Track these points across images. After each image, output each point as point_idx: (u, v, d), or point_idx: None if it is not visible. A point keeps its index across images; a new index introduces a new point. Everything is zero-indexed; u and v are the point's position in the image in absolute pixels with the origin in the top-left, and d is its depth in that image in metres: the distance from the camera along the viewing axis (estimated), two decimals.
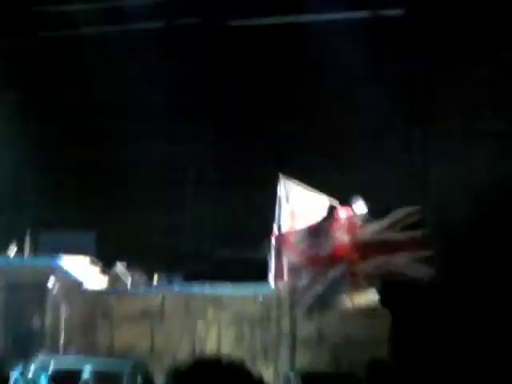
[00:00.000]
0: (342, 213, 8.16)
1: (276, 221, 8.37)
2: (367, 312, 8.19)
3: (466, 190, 9.59)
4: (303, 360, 8.20)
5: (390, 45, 10.51)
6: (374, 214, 8.00)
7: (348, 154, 10.52)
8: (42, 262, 9.84)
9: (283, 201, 8.41)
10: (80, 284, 9.54)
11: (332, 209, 8.18)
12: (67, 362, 8.81)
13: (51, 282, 9.11)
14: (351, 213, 8.05)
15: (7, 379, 8.05)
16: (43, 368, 9.08)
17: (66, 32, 12.42)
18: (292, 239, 8.44)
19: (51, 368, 8.60)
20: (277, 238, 8.37)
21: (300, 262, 8.37)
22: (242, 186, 10.65)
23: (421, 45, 10.75)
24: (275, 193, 8.24)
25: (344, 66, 10.38)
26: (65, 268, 9.55)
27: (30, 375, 8.74)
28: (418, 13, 11.00)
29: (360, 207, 7.96)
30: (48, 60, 11.95)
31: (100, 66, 11.47)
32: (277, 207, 8.39)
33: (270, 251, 8.38)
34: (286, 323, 8.32)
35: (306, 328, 8.29)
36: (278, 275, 8.37)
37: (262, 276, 8.62)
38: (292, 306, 8.30)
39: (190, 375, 1.95)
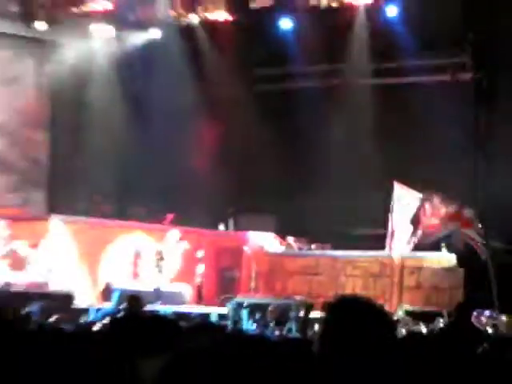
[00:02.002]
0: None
1: None
2: (448, 268, 12.26)
3: None
4: (406, 301, 12.40)
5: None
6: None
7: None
8: (239, 234, 14.79)
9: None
10: (264, 248, 14.36)
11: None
12: (256, 300, 13.48)
13: (245, 248, 14.00)
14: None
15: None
16: (240, 305, 13.67)
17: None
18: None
19: (246, 304, 13.24)
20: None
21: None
22: None
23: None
24: None
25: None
26: (255, 239, 14.42)
27: (230, 311, 13.28)
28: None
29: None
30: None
31: None
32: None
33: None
34: (396, 276, 12.58)
35: (409, 279, 12.49)
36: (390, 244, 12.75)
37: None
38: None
39: (338, 308, 2.35)
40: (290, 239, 14.44)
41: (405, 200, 12.71)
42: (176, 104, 14.83)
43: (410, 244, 12.72)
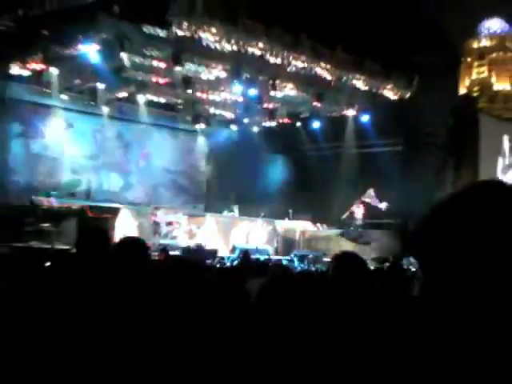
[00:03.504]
0: None
1: None
2: None
3: None
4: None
5: None
6: None
7: None
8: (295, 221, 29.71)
9: None
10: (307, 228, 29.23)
11: None
12: (303, 252, 28.09)
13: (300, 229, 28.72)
14: None
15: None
16: (295, 255, 27.62)
17: None
18: None
19: (298, 254, 27.64)
20: None
21: None
22: None
23: None
24: None
25: None
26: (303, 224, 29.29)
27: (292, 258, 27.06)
28: None
29: None
30: None
31: None
32: None
33: None
34: None
35: None
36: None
37: None
38: None
39: (340, 257, 3.64)
40: (318, 224, 29.02)
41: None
42: None
43: None
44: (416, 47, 26.45)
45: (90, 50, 20.20)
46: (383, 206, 26.09)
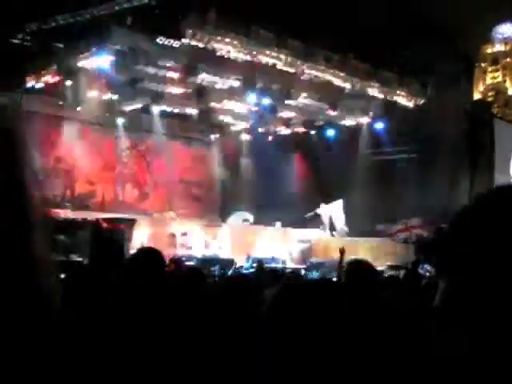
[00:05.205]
0: None
1: None
2: None
3: None
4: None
5: None
6: None
7: None
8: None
9: None
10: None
11: None
12: (317, 260, 28.17)
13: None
14: None
15: None
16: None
17: None
18: None
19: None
20: None
21: None
22: None
23: None
24: None
25: None
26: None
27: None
28: None
29: None
30: None
31: None
32: None
33: None
34: None
35: None
36: None
37: None
38: None
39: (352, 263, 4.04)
40: (334, 232, 29.03)
41: None
42: None
43: None
44: (430, 54, 26.39)
45: (103, 62, 20.28)
46: (340, 223, 27.30)
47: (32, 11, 18.53)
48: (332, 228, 28.44)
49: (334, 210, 28.34)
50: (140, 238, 22.27)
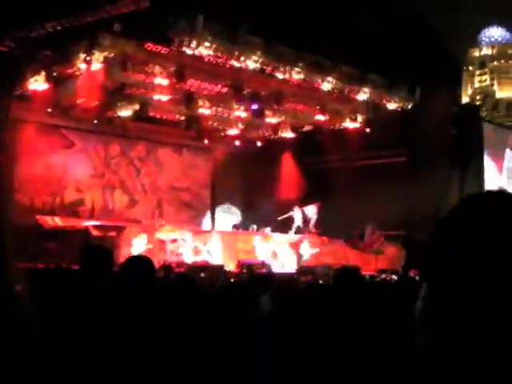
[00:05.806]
0: None
1: None
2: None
3: None
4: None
5: None
6: None
7: None
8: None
9: None
10: None
11: None
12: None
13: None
14: None
15: None
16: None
17: None
18: None
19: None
20: None
21: None
22: None
23: None
24: None
25: None
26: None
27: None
28: None
29: None
30: None
31: None
32: None
33: None
34: None
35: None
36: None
37: None
38: None
39: (343, 270, 4.30)
40: (324, 238, 29.08)
41: None
42: None
43: None
44: (417, 57, 26.46)
45: (92, 69, 20.22)
46: (311, 226, 28.15)
47: (19, 19, 18.44)
48: (298, 231, 28.62)
49: (308, 213, 28.46)
50: (129, 245, 22.19)
